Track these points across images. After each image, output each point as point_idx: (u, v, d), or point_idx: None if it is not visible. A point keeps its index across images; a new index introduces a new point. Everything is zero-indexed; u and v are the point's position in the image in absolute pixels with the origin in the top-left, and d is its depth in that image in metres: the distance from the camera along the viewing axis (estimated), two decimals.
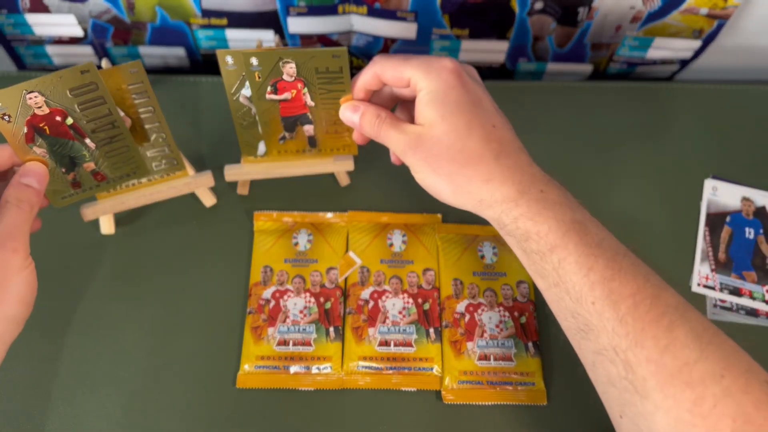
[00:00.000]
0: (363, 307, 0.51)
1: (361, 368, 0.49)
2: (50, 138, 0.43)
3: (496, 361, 0.49)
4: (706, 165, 0.60)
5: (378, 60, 0.43)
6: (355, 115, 0.45)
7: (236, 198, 0.57)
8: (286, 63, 0.45)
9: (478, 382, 0.49)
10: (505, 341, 0.50)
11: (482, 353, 0.49)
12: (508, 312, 0.51)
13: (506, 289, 0.52)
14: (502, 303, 0.52)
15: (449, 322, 0.51)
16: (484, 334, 0.50)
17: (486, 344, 0.50)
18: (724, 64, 0.68)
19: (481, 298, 0.52)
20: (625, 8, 0.60)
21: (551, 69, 0.68)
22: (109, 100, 0.44)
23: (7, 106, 0.41)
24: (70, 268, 0.53)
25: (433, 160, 0.40)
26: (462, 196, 0.41)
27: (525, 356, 0.50)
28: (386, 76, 0.42)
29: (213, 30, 0.63)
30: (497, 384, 0.48)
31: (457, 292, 0.52)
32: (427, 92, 0.40)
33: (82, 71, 0.41)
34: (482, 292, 0.52)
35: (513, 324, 0.51)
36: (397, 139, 0.42)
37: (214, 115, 0.61)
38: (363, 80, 0.44)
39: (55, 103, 0.42)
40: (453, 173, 0.40)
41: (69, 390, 0.48)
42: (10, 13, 0.61)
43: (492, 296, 0.52)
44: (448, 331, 0.50)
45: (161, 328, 0.51)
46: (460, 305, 0.51)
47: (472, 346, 0.50)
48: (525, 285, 0.53)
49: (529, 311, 0.52)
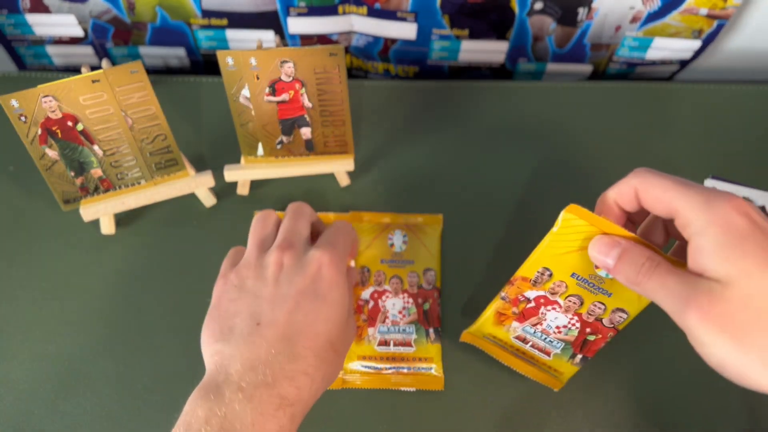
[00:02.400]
0: (363, 307, 0.51)
1: (361, 368, 0.49)
2: (61, 141, 0.45)
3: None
4: (706, 165, 0.60)
5: (641, 173, 0.34)
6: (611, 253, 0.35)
7: (236, 198, 0.57)
8: (284, 63, 0.45)
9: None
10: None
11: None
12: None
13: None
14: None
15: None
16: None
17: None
18: (724, 64, 0.68)
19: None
20: (625, 8, 0.60)
21: (551, 69, 0.68)
22: (117, 111, 0.45)
23: (24, 108, 0.42)
24: (70, 268, 0.53)
25: (735, 329, 0.30)
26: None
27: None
28: (649, 198, 0.34)
29: (213, 30, 0.63)
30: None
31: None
32: (714, 235, 0.31)
33: (93, 80, 0.43)
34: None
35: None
36: (674, 293, 0.32)
37: (214, 116, 0.61)
38: (617, 193, 0.35)
39: (67, 109, 0.44)
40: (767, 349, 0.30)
41: (69, 390, 0.48)
42: (11, 14, 0.61)
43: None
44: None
45: (162, 328, 0.51)
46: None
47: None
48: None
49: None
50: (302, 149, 0.52)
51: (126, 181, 0.51)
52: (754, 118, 0.63)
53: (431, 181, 0.58)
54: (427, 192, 0.58)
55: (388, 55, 0.66)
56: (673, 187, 0.33)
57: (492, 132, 0.61)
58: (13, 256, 0.54)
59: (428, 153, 0.60)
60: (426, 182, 0.58)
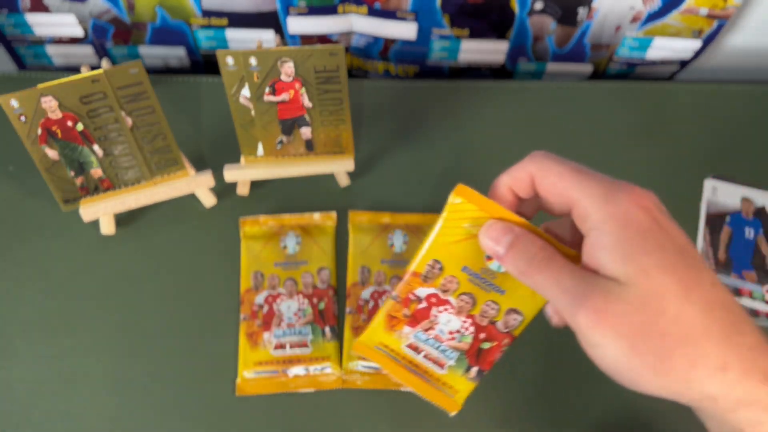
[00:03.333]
0: (363, 307, 0.51)
1: (361, 368, 0.49)
2: (61, 141, 0.45)
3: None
4: (706, 165, 0.60)
5: (538, 158, 0.32)
6: (502, 240, 0.32)
7: (236, 198, 0.57)
8: (284, 62, 0.45)
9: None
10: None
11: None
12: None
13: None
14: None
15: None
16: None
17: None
18: (723, 64, 0.68)
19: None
20: (625, 8, 0.60)
21: (551, 69, 0.68)
22: (117, 110, 0.45)
23: (24, 108, 0.42)
24: (71, 268, 0.53)
25: (630, 332, 0.28)
26: (673, 385, 0.28)
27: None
28: (544, 185, 0.31)
29: (213, 30, 0.63)
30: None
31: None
32: (612, 230, 0.29)
33: (93, 80, 0.43)
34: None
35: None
36: (567, 290, 0.29)
37: (214, 116, 0.61)
38: (511, 178, 0.33)
39: (67, 108, 0.44)
40: (663, 353, 0.28)
41: (69, 390, 0.48)
42: (11, 13, 0.61)
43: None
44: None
45: (162, 328, 0.51)
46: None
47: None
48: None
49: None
50: (302, 149, 0.52)
51: (126, 181, 0.51)
52: (754, 118, 0.63)
53: (431, 181, 0.58)
54: (427, 192, 0.58)
55: (388, 55, 0.66)
56: (570, 175, 0.30)
57: (492, 132, 0.61)
58: (13, 256, 0.54)
59: (428, 153, 0.60)
60: (426, 182, 0.58)
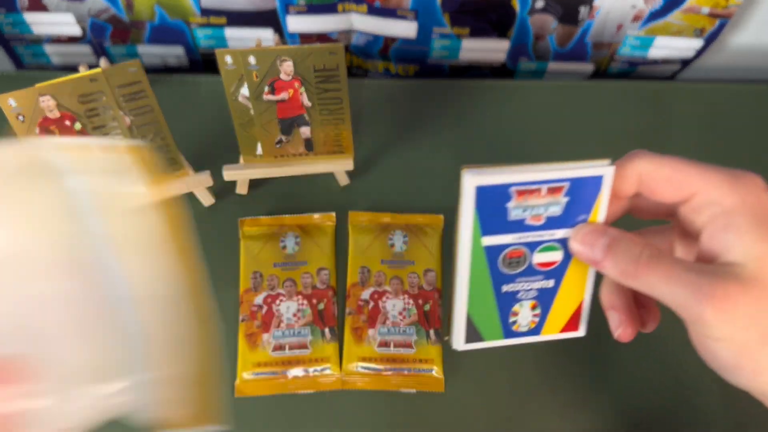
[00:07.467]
0: (363, 308, 0.51)
1: (361, 369, 0.49)
2: None
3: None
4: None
5: (643, 154, 0.29)
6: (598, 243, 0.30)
7: (235, 197, 0.57)
8: (283, 61, 0.44)
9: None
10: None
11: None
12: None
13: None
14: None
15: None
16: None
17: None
18: (725, 63, 0.68)
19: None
20: (627, 7, 0.60)
21: (552, 68, 0.68)
22: (115, 109, 0.44)
23: (22, 107, 0.42)
24: None
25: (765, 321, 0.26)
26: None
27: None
28: (657, 179, 0.29)
29: (212, 29, 0.63)
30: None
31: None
32: (747, 214, 0.27)
33: (91, 79, 0.43)
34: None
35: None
36: (687, 284, 0.27)
37: (213, 115, 0.61)
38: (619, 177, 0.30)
39: (65, 108, 0.43)
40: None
41: None
42: (9, 12, 0.61)
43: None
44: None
45: None
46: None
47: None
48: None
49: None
50: (301, 148, 0.52)
51: None
52: (755, 117, 0.63)
53: (431, 181, 0.58)
54: (427, 192, 0.57)
55: (388, 53, 0.66)
56: (687, 166, 0.29)
57: (493, 131, 0.61)
58: None
59: (428, 153, 0.60)
60: (426, 182, 0.58)
